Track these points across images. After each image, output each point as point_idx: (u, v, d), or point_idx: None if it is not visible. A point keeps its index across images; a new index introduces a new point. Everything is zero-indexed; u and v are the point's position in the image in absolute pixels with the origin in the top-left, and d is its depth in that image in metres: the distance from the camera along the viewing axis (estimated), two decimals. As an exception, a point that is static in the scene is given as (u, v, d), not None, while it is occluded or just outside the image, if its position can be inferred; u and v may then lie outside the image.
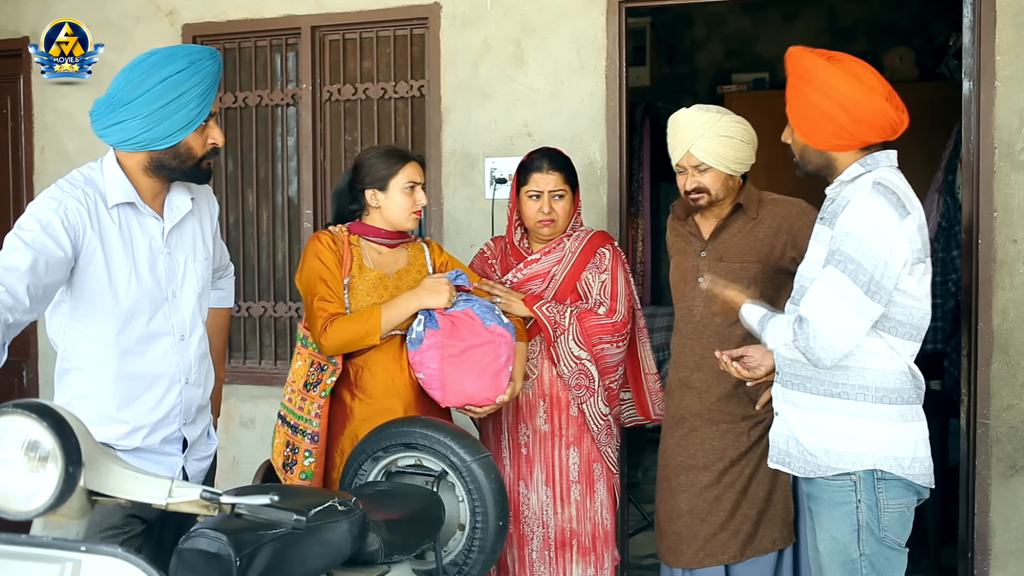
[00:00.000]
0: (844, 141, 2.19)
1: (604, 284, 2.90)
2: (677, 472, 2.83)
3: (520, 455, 2.93)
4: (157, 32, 4.11)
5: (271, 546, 1.78)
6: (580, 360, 2.84)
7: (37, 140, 4.34)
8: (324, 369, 2.66)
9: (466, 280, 2.74)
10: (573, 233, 2.95)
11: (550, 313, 2.83)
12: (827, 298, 2.08)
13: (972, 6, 3.24)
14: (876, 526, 2.16)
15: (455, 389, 2.63)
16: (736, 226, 2.80)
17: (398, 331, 2.69)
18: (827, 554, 2.22)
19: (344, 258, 2.68)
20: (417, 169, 2.74)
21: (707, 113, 2.72)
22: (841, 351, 2.09)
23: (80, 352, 2.13)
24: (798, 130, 2.26)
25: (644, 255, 6.09)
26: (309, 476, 2.65)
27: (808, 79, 2.19)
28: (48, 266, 1.96)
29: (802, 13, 6.19)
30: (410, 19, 3.86)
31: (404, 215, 2.72)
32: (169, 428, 2.21)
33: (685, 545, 2.80)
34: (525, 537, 2.94)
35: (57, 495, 1.45)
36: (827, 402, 2.20)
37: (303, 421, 2.65)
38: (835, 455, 2.18)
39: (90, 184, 2.12)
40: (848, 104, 2.14)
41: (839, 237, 2.11)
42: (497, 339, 2.64)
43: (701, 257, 2.82)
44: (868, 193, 2.11)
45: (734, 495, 2.75)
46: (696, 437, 2.80)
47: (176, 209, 2.25)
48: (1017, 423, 3.17)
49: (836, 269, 2.08)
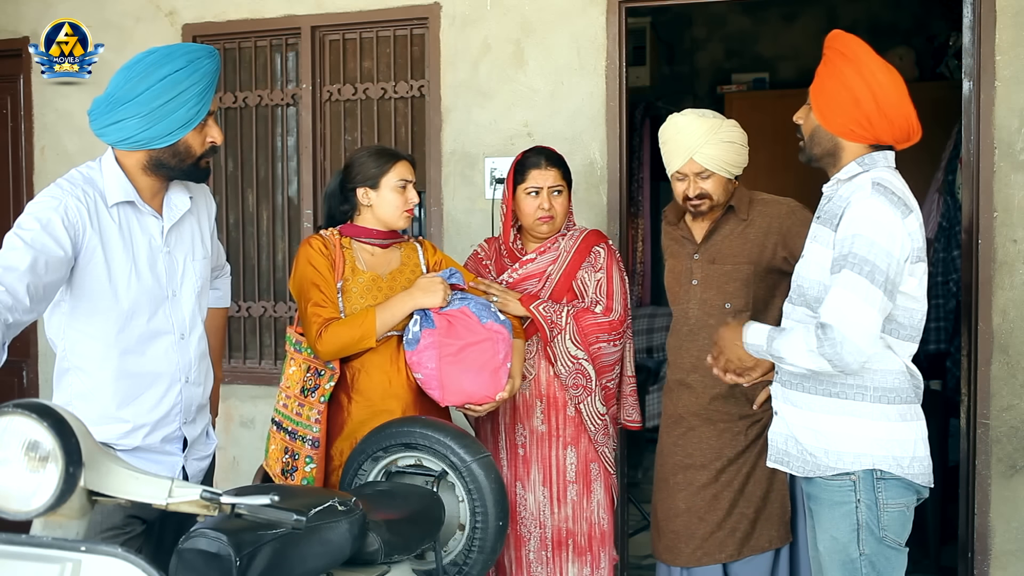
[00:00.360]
0: (860, 131, 2.19)
1: (600, 283, 2.90)
2: (675, 471, 2.83)
3: (517, 456, 2.93)
4: (157, 32, 4.11)
5: (271, 546, 1.78)
6: (577, 360, 2.84)
7: (37, 140, 4.34)
8: (322, 374, 2.65)
9: (460, 279, 2.73)
10: (568, 232, 2.96)
11: (547, 313, 2.83)
12: (849, 302, 2.05)
13: (972, 6, 3.24)
14: (876, 526, 2.15)
15: (454, 388, 2.63)
16: (727, 228, 2.80)
17: (394, 332, 2.68)
18: (827, 554, 2.22)
19: (336, 262, 2.67)
20: (408, 168, 2.74)
21: (708, 119, 2.71)
22: (867, 354, 2.07)
23: (80, 351, 2.13)
24: (817, 108, 2.24)
25: (644, 255, 6.09)
26: (311, 482, 2.63)
27: (851, 58, 2.19)
28: (48, 265, 1.96)
29: (802, 13, 6.19)
30: (410, 19, 3.86)
31: (396, 213, 2.71)
32: (169, 427, 2.21)
33: (683, 544, 2.80)
34: (522, 538, 2.94)
35: (57, 495, 1.45)
36: (826, 402, 2.20)
37: (302, 427, 2.63)
38: (834, 455, 2.18)
39: (89, 183, 2.12)
40: (880, 94, 2.15)
41: (847, 240, 2.09)
42: (495, 336, 2.64)
43: (694, 260, 2.82)
44: (869, 193, 2.11)
45: (731, 494, 2.75)
46: (694, 436, 2.80)
47: (175, 208, 2.25)
48: (1017, 423, 3.17)
49: (852, 272, 2.06)
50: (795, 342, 2.12)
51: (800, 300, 2.27)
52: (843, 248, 2.10)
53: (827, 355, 2.06)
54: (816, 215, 2.33)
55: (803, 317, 2.25)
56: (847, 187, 2.20)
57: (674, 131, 2.74)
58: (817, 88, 2.25)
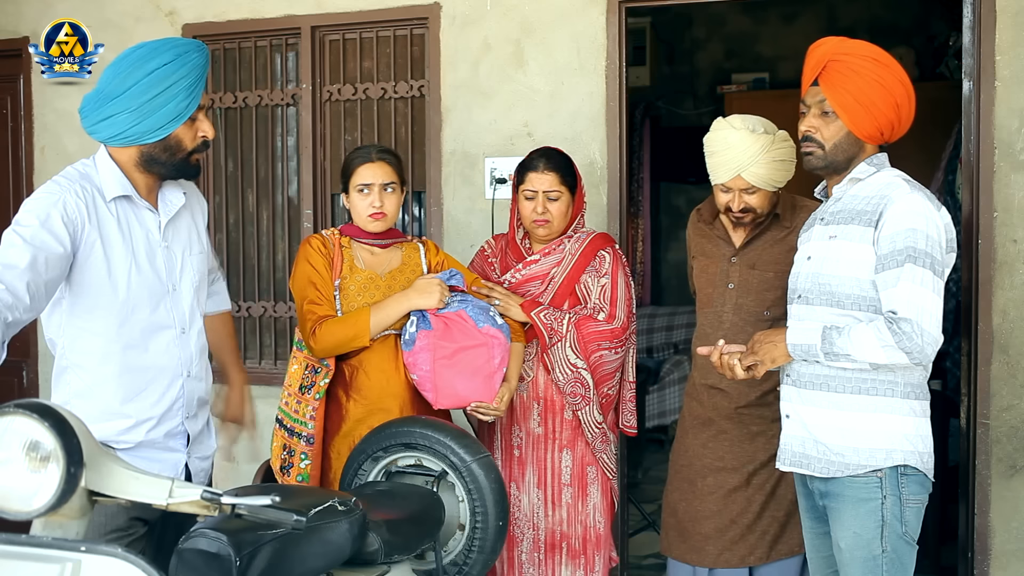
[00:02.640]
0: (887, 134, 2.25)
1: (604, 288, 2.87)
2: (703, 474, 2.82)
3: (512, 456, 2.93)
4: (157, 32, 4.10)
5: (271, 546, 1.78)
6: (576, 368, 2.82)
7: (37, 140, 4.34)
8: (317, 372, 2.66)
9: (460, 280, 2.72)
10: (574, 235, 2.92)
11: (547, 320, 2.81)
12: (922, 295, 2.09)
13: (972, 6, 3.24)
14: (899, 521, 2.16)
15: (447, 390, 2.63)
16: (770, 235, 2.77)
17: (392, 331, 2.68)
18: (848, 551, 2.21)
19: (335, 260, 2.68)
20: (372, 170, 2.66)
21: (760, 137, 2.63)
22: (939, 343, 2.11)
23: (80, 348, 2.13)
24: (849, 114, 2.22)
25: (644, 255, 6.09)
26: (305, 479, 2.64)
27: (888, 64, 2.23)
28: (48, 263, 1.96)
29: (802, 13, 6.19)
30: (410, 19, 3.86)
31: (360, 218, 2.69)
32: (172, 422, 2.22)
33: (711, 545, 2.78)
34: (515, 539, 2.93)
35: (58, 495, 1.45)
36: (854, 399, 2.19)
37: (298, 424, 2.65)
38: (865, 452, 2.18)
39: (86, 179, 2.13)
40: (910, 98, 2.23)
41: (900, 234, 2.11)
42: (490, 341, 2.63)
43: (731, 263, 2.79)
44: (908, 190, 2.16)
45: (763, 497, 2.75)
46: (725, 439, 2.79)
47: (170, 203, 2.26)
48: (1017, 423, 3.17)
49: (917, 266, 2.09)
50: (865, 339, 2.10)
51: (823, 299, 2.24)
52: (897, 243, 2.11)
53: (907, 348, 2.07)
54: (820, 217, 2.33)
55: (832, 317, 2.21)
56: (868, 186, 2.23)
57: (724, 146, 2.66)
58: (848, 95, 2.21)
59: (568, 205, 2.88)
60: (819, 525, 2.35)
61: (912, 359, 2.08)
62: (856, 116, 2.21)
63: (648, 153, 5.75)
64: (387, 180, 2.68)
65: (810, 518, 2.37)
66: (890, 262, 2.12)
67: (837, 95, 2.22)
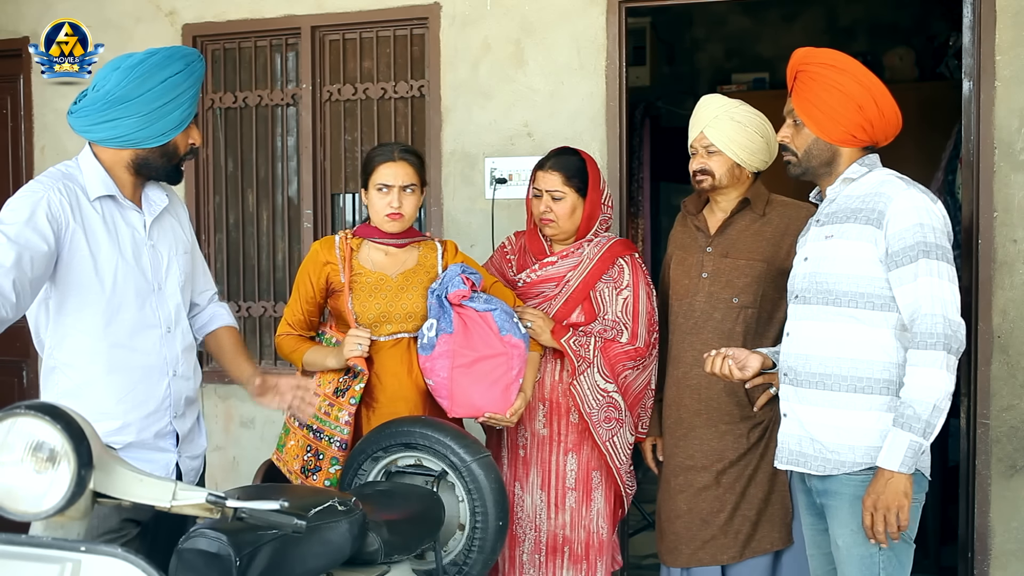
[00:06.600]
0: (861, 136, 2.26)
1: (627, 303, 2.84)
2: (676, 473, 2.82)
3: (517, 457, 2.92)
4: (157, 32, 4.10)
5: (271, 546, 1.78)
6: (607, 393, 2.78)
7: (37, 140, 4.33)
8: (355, 376, 2.64)
9: (479, 279, 2.67)
10: (594, 239, 2.89)
11: (576, 347, 2.76)
12: (940, 286, 2.11)
13: (972, 6, 3.24)
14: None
15: (463, 400, 2.62)
16: (743, 223, 2.79)
17: (405, 334, 2.67)
18: (846, 548, 2.21)
19: (344, 262, 2.67)
20: (395, 170, 2.63)
21: (725, 99, 2.79)
22: (964, 327, 2.12)
23: (68, 347, 2.14)
24: (813, 121, 2.27)
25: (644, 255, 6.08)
26: (334, 483, 2.62)
27: (843, 68, 2.26)
28: (33, 261, 1.97)
29: (802, 13, 6.19)
30: (410, 19, 3.86)
31: (378, 217, 2.68)
32: (160, 422, 2.22)
33: (684, 545, 2.79)
34: (517, 538, 2.92)
35: (68, 497, 1.45)
36: (850, 398, 2.20)
37: (329, 427, 2.64)
38: (861, 450, 2.18)
39: (69, 178, 2.15)
40: (879, 97, 2.24)
41: (909, 231, 2.13)
42: (511, 351, 2.61)
43: (706, 252, 2.81)
44: (904, 186, 2.19)
45: (734, 497, 2.74)
46: (695, 438, 2.78)
47: (154, 203, 2.27)
48: (1017, 423, 3.17)
49: (931, 259, 2.11)
50: (932, 379, 2.09)
51: (820, 298, 2.25)
52: (907, 239, 2.13)
53: (955, 349, 2.09)
54: (816, 219, 2.36)
55: (829, 315, 2.23)
56: (862, 185, 2.25)
57: (697, 106, 2.82)
58: (808, 103, 2.28)
59: (575, 207, 2.84)
60: (819, 522, 2.35)
61: (953, 351, 2.08)
62: (819, 122, 2.27)
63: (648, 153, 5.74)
64: (407, 182, 2.65)
65: (809, 515, 2.38)
66: (903, 258, 2.13)
67: (801, 104, 2.30)
